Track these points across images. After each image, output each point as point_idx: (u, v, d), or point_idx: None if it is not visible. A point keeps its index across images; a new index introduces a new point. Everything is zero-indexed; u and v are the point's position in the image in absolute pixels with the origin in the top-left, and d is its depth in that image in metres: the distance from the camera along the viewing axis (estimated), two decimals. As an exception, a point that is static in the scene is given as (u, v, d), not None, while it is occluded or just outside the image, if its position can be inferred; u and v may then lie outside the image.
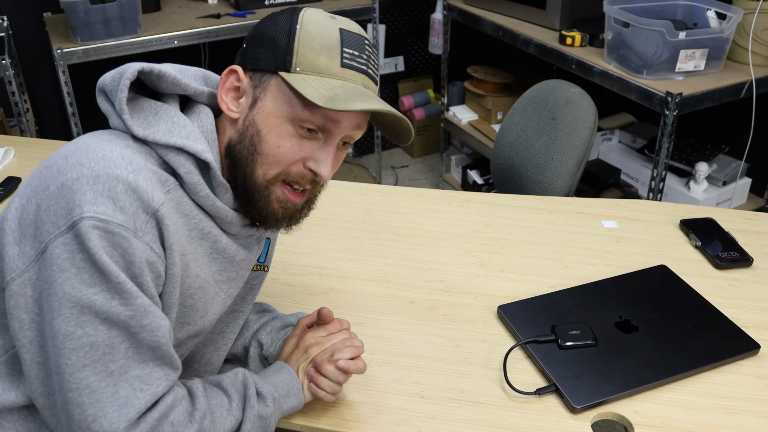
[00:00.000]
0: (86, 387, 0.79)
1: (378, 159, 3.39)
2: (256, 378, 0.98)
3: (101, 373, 0.80)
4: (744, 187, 2.58)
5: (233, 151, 0.91)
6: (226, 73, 0.92)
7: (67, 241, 0.78)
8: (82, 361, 0.79)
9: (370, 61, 0.91)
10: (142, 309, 0.81)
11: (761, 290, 1.34)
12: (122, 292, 0.79)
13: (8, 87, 2.44)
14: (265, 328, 1.13)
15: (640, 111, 2.94)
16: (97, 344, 0.79)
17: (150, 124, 0.88)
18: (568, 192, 1.86)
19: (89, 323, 0.79)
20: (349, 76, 0.88)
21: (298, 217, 0.97)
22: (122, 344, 0.81)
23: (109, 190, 0.79)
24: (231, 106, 0.91)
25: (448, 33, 3.13)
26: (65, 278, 0.78)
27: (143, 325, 0.81)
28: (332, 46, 0.87)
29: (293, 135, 0.88)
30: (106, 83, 0.89)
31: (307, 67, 0.87)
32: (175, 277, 0.86)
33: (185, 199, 0.89)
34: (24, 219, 0.82)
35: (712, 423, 1.05)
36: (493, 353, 1.18)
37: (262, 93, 0.89)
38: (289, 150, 0.89)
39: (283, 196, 0.92)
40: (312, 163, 0.90)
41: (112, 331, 0.80)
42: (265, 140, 0.88)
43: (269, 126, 0.88)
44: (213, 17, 2.69)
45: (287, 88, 0.87)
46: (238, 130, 0.91)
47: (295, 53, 0.87)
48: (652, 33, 2.07)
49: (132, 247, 0.79)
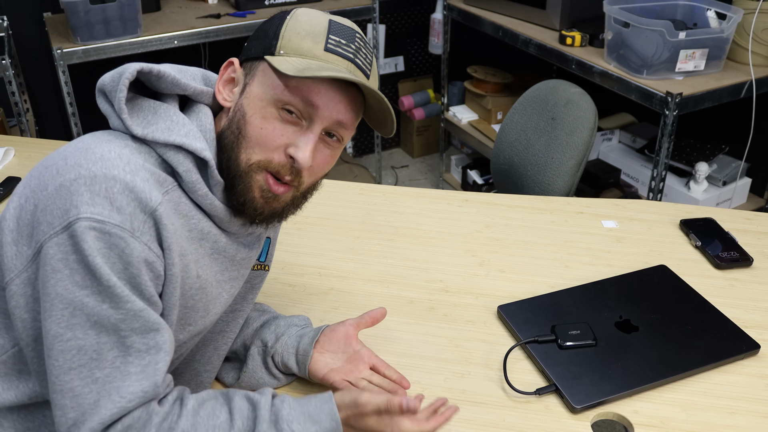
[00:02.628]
0: (70, 390, 0.79)
1: (378, 159, 3.39)
2: (288, 404, 0.90)
3: (86, 378, 0.79)
4: (744, 187, 2.58)
5: (222, 137, 0.91)
6: (224, 66, 0.93)
7: (61, 242, 0.78)
8: (68, 364, 0.79)
9: (359, 52, 0.90)
10: (132, 313, 0.80)
11: (761, 290, 1.34)
12: (113, 296, 0.79)
13: (8, 87, 2.45)
14: (268, 327, 1.13)
15: (640, 111, 2.94)
16: (84, 348, 0.79)
17: (149, 123, 0.88)
18: (568, 192, 1.86)
19: (79, 326, 0.78)
20: (332, 60, 0.88)
21: (282, 212, 0.95)
22: (110, 352, 0.80)
23: (107, 191, 0.79)
24: (226, 96, 0.93)
25: (448, 33, 3.13)
26: (58, 279, 0.78)
27: (133, 328, 0.80)
28: (318, 33, 0.88)
29: (276, 118, 0.88)
30: (105, 84, 0.89)
31: (291, 50, 0.88)
32: (175, 277, 0.85)
33: (184, 199, 0.89)
34: (22, 219, 0.82)
35: (712, 423, 1.05)
36: (493, 353, 1.18)
37: (250, 79, 0.91)
38: (270, 132, 0.88)
39: (266, 185, 0.90)
40: (292, 149, 0.89)
41: (101, 337, 0.79)
42: (250, 122, 0.89)
43: (254, 108, 0.89)
44: (213, 17, 2.69)
45: (271, 71, 0.89)
46: (229, 117, 0.92)
47: (281, 38, 0.89)
48: (652, 33, 2.07)
49: (129, 248, 0.79)
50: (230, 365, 1.13)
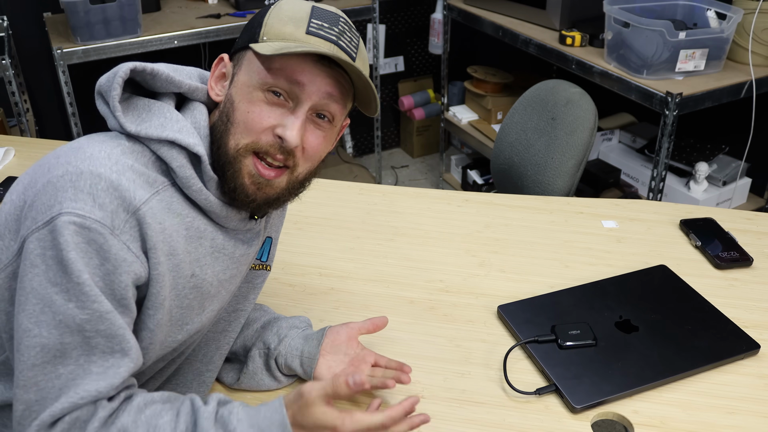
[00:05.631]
0: (34, 385, 0.79)
1: (378, 159, 3.39)
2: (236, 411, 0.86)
3: (50, 374, 0.79)
4: (744, 187, 2.58)
5: (214, 129, 0.92)
6: (215, 62, 0.94)
7: (41, 237, 0.79)
8: (32, 360, 0.79)
9: (343, 35, 0.90)
10: (98, 314, 0.79)
11: (761, 290, 1.34)
12: (80, 294, 0.78)
13: (8, 87, 2.45)
14: (270, 329, 1.12)
15: (640, 111, 2.94)
16: (48, 347, 0.79)
17: (143, 120, 0.89)
18: (568, 192, 1.86)
19: (45, 324, 0.78)
20: (314, 42, 0.88)
21: (277, 200, 0.94)
22: (74, 351, 0.80)
23: (90, 187, 0.80)
24: (218, 91, 0.94)
25: (448, 33, 3.13)
26: (34, 274, 0.79)
27: (98, 330, 0.80)
28: (300, 18, 0.89)
29: (262, 101, 0.89)
30: (101, 85, 0.90)
31: (273, 35, 0.89)
32: (161, 276, 0.85)
33: (177, 198, 0.89)
34: (11, 214, 0.84)
35: (712, 423, 1.05)
36: (493, 353, 1.18)
37: (238, 69, 0.92)
38: (257, 115, 0.89)
39: (255, 170, 0.90)
40: (279, 129, 0.89)
41: (64, 338, 0.79)
42: (237, 108, 0.90)
43: (241, 95, 0.90)
44: (213, 17, 2.69)
45: (255, 57, 0.90)
46: (219, 110, 0.93)
47: (264, 25, 0.90)
48: (652, 33, 2.07)
49: (108, 244, 0.79)
50: (230, 366, 1.13)
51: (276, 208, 0.97)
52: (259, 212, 0.97)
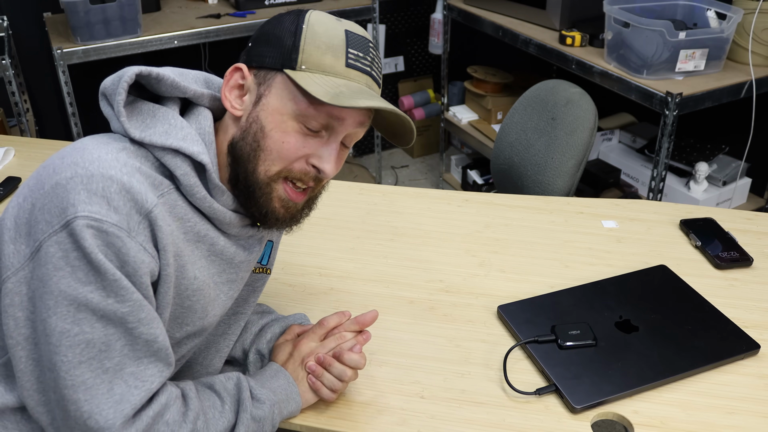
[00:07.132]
0: (82, 384, 0.80)
1: (378, 159, 3.39)
2: (252, 382, 0.99)
3: (97, 369, 0.81)
4: (744, 187, 2.58)
5: (235, 148, 0.91)
6: (231, 71, 0.92)
7: (61, 240, 0.79)
8: (78, 358, 0.80)
9: (374, 63, 0.91)
10: (138, 304, 0.82)
11: (761, 290, 1.34)
12: (118, 289, 0.80)
13: (8, 87, 2.45)
14: (264, 335, 1.13)
15: (640, 111, 2.94)
16: (93, 342, 0.80)
17: (147, 126, 0.88)
18: (568, 192, 1.86)
19: (85, 321, 0.80)
20: (354, 76, 0.89)
21: (299, 217, 0.97)
22: (118, 342, 0.81)
23: (104, 190, 0.80)
24: (234, 103, 0.91)
25: (448, 33, 3.13)
26: (60, 276, 0.79)
27: (140, 319, 0.82)
28: (337, 47, 0.88)
29: (298, 131, 0.89)
30: (106, 87, 0.90)
31: (313, 65, 0.87)
32: (169, 277, 0.86)
33: (179, 202, 0.89)
34: (20, 217, 0.83)
35: (712, 423, 1.05)
36: (493, 353, 1.18)
37: (266, 90, 0.89)
38: (293, 146, 0.89)
39: (285, 195, 0.92)
40: (315, 160, 0.90)
41: (108, 329, 0.81)
42: (270, 136, 0.88)
43: (274, 122, 0.88)
44: (213, 17, 2.69)
45: (292, 85, 0.88)
46: (241, 127, 0.91)
47: (301, 51, 0.87)
48: (652, 33, 2.07)
49: (126, 247, 0.80)
50: (230, 369, 1.13)
51: (292, 225, 0.98)
52: (281, 229, 0.99)
